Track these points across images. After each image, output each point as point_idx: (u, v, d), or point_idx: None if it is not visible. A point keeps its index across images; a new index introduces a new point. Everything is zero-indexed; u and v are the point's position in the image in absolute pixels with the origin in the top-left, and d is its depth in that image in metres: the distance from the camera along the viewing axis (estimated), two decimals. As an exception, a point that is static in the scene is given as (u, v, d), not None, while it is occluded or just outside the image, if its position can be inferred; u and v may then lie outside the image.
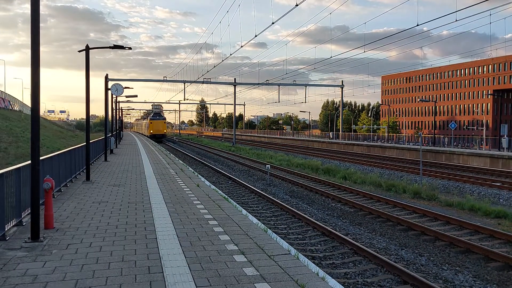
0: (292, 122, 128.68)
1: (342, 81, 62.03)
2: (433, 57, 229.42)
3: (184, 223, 7.95)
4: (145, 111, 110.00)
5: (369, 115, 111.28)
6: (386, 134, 67.54)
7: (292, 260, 5.81)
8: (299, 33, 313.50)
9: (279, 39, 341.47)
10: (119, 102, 43.50)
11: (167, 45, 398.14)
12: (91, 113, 16.02)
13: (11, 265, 5.46)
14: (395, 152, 41.19)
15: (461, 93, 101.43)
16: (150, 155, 26.37)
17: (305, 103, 65.36)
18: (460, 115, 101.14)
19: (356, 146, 49.55)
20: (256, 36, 27.94)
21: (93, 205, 9.68)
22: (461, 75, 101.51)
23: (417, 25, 43.53)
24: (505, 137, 43.13)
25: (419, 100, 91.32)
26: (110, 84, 24.96)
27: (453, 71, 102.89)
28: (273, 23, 25.95)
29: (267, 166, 21.92)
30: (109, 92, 25.06)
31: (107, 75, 25.78)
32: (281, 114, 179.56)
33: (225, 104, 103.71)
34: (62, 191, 11.56)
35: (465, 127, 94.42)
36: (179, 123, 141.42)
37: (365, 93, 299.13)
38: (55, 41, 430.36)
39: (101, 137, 27.43)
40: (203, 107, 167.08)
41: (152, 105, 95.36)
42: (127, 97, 37.53)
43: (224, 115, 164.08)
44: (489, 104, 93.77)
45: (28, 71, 6.65)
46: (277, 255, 6.00)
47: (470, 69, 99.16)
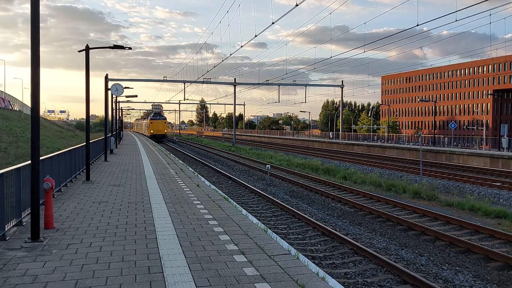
0: (292, 122, 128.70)
1: (342, 81, 62.06)
2: (433, 57, 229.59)
3: (184, 223, 7.95)
4: (145, 111, 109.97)
5: (369, 115, 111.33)
6: (386, 134, 67.54)
7: (292, 260, 5.81)
8: (299, 33, 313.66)
9: (279, 39, 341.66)
10: (119, 102, 43.52)
11: (167, 45, 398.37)
12: (91, 113, 16.04)
13: (11, 265, 5.46)
14: (395, 152, 41.19)
15: (461, 93, 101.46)
16: (150, 155, 26.37)
17: (305, 103, 65.42)
18: (460, 115, 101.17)
19: (356, 146, 49.55)
20: (256, 36, 27.97)
21: (93, 205, 9.68)
22: (461, 75, 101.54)
23: (417, 25, 43.59)
24: (505, 137, 43.14)
25: (419, 100, 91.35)
26: (110, 84, 24.98)
27: (453, 71, 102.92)
28: (273, 23, 25.97)
29: (267, 166, 21.92)
30: (109, 92, 25.08)
31: (107, 75, 25.84)
32: (281, 114, 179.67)
33: (225, 104, 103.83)
34: (62, 191, 11.56)
35: (465, 127, 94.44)
36: (179, 123, 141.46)
37: (365, 93, 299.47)
38: (55, 41, 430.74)
39: (101, 137, 27.43)
40: (203, 107, 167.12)
41: (152, 105, 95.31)
42: (127, 97, 37.56)
43: (224, 115, 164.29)
44: (489, 104, 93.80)
45: (28, 71, 6.66)
46: (277, 255, 5.99)
47: (470, 69, 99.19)
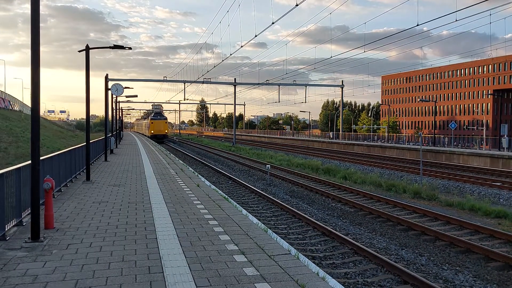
0: (292, 122, 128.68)
1: (342, 81, 62.11)
2: (433, 57, 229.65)
3: (184, 223, 7.95)
4: (145, 111, 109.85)
5: (369, 115, 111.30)
6: (386, 134, 67.53)
7: (292, 260, 5.81)
8: (299, 33, 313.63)
9: (279, 39, 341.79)
10: (119, 102, 43.51)
11: (167, 45, 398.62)
12: (91, 113, 16.03)
13: (11, 265, 5.46)
14: (395, 152, 41.19)
15: (461, 93, 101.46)
16: (150, 155, 26.37)
17: (305, 103, 65.38)
18: (460, 115, 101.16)
19: (356, 146, 49.55)
20: (256, 36, 27.98)
21: (93, 205, 9.68)
22: (461, 75, 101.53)
23: (417, 25, 43.54)
24: (505, 137, 43.15)
25: (419, 100, 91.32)
26: (110, 84, 24.97)
27: (453, 71, 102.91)
28: (273, 23, 25.97)
29: (267, 166, 21.92)
30: (109, 92, 25.07)
31: (107, 75, 25.80)
32: (281, 114, 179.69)
33: (225, 104, 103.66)
34: (62, 191, 11.56)
35: (465, 127, 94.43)
36: (179, 123, 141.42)
37: (365, 93, 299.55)
38: (55, 41, 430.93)
39: (101, 137, 27.44)
40: (203, 107, 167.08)
41: (152, 105, 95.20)
42: (127, 97, 37.54)
43: (224, 115, 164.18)
44: (489, 104, 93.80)
45: (28, 71, 6.66)
46: (277, 255, 5.99)
47: (470, 69, 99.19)
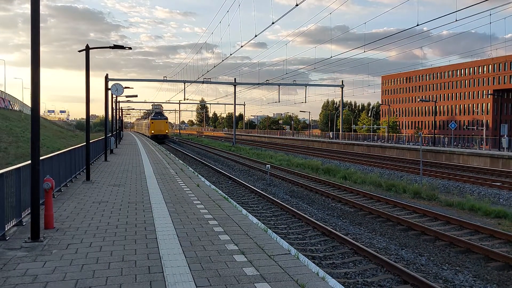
0: (292, 122, 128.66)
1: (342, 81, 62.11)
2: (433, 57, 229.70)
3: (184, 223, 7.95)
4: (145, 111, 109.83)
5: (369, 115, 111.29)
6: (386, 134, 67.54)
7: (292, 260, 5.81)
8: (299, 33, 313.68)
9: (279, 39, 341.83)
10: (119, 102, 43.51)
11: (167, 45, 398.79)
12: (91, 113, 16.03)
13: (11, 265, 5.46)
14: (395, 152, 41.19)
15: (461, 93, 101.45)
16: (150, 155, 26.37)
17: (305, 103, 65.36)
18: (460, 115, 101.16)
19: (356, 146, 49.55)
20: (256, 36, 27.97)
21: (93, 205, 9.68)
22: (461, 75, 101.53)
23: (417, 25, 43.49)
24: (505, 137, 43.14)
25: (419, 100, 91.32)
26: (110, 84, 24.97)
27: (453, 71, 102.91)
28: (273, 23, 25.97)
29: (267, 166, 21.92)
30: (109, 92, 25.07)
31: (107, 75, 25.81)
32: (281, 114, 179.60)
33: (225, 104, 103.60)
34: (62, 191, 11.56)
35: (465, 127, 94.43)
36: (179, 123, 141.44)
37: (365, 93, 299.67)
38: (55, 41, 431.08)
39: (101, 137, 27.43)
40: (203, 107, 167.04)
41: (152, 105, 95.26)
42: (127, 97, 37.54)
43: (224, 115, 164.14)
44: (489, 104, 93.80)
45: (28, 71, 6.66)
46: (277, 255, 5.99)
47: (470, 69, 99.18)
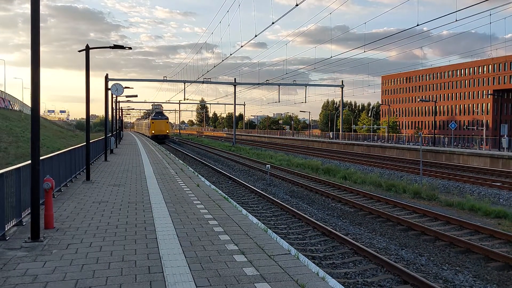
0: (292, 122, 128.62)
1: (342, 81, 62.16)
2: (433, 57, 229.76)
3: (184, 223, 7.95)
4: (145, 111, 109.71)
5: (369, 115, 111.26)
6: (386, 134, 67.54)
7: (292, 260, 5.80)
8: (299, 33, 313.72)
9: (279, 39, 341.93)
10: (119, 102, 43.50)
11: (167, 45, 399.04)
12: (91, 113, 16.03)
13: (11, 265, 5.46)
14: (395, 152, 41.18)
15: (461, 93, 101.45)
16: (150, 155, 26.37)
17: (305, 103, 65.35)
18: (460, 115, 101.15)
19: (356, 146, 49.55)
20: (256, 36, 27.99)
21: (93, 205, 9.68)
22: (461, 75, 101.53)
23: (417, 25, 43.57)
24: (505, 137, 43.14)
25: (419, 100, 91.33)
26: (110, 84, 24.96)
27: (453, 71, 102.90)
28: (273, 23, 25.99)
29: (267, 166, 21.92)
30: (109, 92, 25.07)
31: (107, 75, 25.80)
32: (281, 114, 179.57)
33: (225, 104, 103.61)
34: (62, 191, 11.56)
35: (465, 127, 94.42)
36: (179, 123, 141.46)
37: (365, 93, 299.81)
38: (55, 41, 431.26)
39: (101, 137, 27.43)
40: (203, 107, 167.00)
41: (152, 105, 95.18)
42: (127, 97, 37.53)
43: (224, 115, 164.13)
44: (489, 104, 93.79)
45: (28, 71, 6.65)
46: (277, 255, 5.99)
47: (470, 69, 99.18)
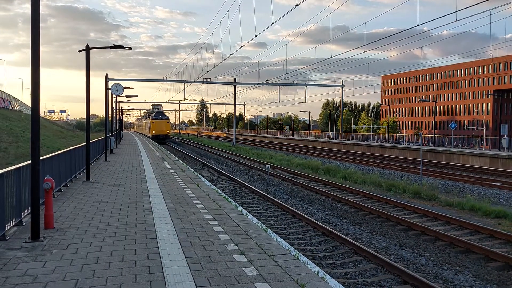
0: (292, 122, 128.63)
1: (342, 81, 62.16)
2: (433, 57, 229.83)
3: (184, 223, 7.95)
4: (145, 111, 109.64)
5: (369, 115, 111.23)
6: (386, 134, 67.53)
7: (292, 260, 5.80)
8: (299, 33, 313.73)
9: (279, 39, 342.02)
10: (119, 102, 43.50)
11: (167, 45, 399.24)
12: (91, 113, 16.03)
13: (11, 265, 5.46)
14: (395, 152, 41.18)
15: (461, 93, 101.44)
16: (150, 155, 26.37)
17: (305, 103, 65.41)
18: (460, 115, 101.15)
19: (356, 146, 49.54)
20: (256, 36, 28.01)
21: (93, 205, 9.68)
22: (461, 75, 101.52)
23: (417, 25, 43.55)
24: (505, 137, 43.14)
25: (419, 100, 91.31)
26: (110, 84, 24.96)
27: (453, 71, 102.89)
28: (273, 23, 25.99)
29: (267, 166, 21.92)
30: (109, 92, 25.07)
31: (107, 75, 25.80)
32: (281, 114, 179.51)
33: (225, 104, 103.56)
34: (62, 191, 11.56)
35: (465, 127, 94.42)
36: (179, 123, 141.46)
37: (365, 93, 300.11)
38: (55, 41, 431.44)
39: (101, 137, 27.43)
40: (203, 107, 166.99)
41: (152, 105, 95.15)
42: (127, 97, 37.53)
43: (224, 115, 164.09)
44: (489, 104, 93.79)
45: (28, 71, 6.65)
46: (277, 255, 5.99)
47: (470, 69, 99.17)
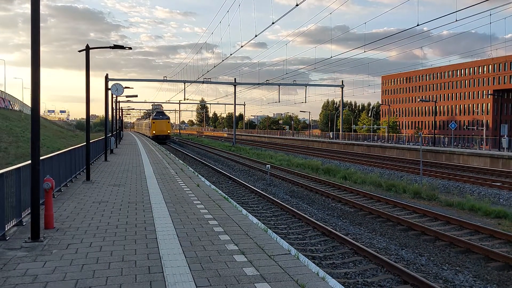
0: (292, 122, 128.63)
1: (342, 81, 62.17)
2: (433, 57, 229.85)
3: (184, 223, 7.95)
4: (145, 111, 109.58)
5: (369, 115, 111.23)
6: (386, 134, 67.52)
7: (292, 260, 5.80)
8: (299, 33, 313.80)
9: (279, 39, 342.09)
10: (119, 102, 43.49)
11: (167, 45, 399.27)
12: (91, 113, 16.02)
13: (11, 265, 5.46)
14: (395, 152, 41.18)
15: (461, 93, 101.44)
16: (150, 155, 26.36)
17: (305, 103, 65.44)
18: (460, 115, 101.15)
19: (356, 146, 49.54)
20: (256, 36, 28.02)
21: (93, 205, 9.68)
22: (461, 75, 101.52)
23: (417, 25, 43.43)
24: (505, 137, 43.13)
25: (419, 100, 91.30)
26: (110, 84, 24.96)
27: (453, 71, 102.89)
28: (273, 23, 26.00)
29: (267, 166, 21.92)
30: (109, 92, 25.07)
31: (107, 75, 25.80)
32: (281, 114, 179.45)
33: (225, 104, 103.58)
34: (62, 191, 11.56)
35: (465, 127, 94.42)
36: (179, 123, 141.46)
37: (365, 93, 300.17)
38: (55, 41, 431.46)
39: (101, 137, 27.43)
40: (203, 107, 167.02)
41: (152, 105, 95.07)
42: (127, 97, 37.53)
43: (224, 115, 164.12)
44: (489, 104, 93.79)
45: (28, 71, 6.65)
46: (277, 255, 5.99)
47: (470, 69, 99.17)
